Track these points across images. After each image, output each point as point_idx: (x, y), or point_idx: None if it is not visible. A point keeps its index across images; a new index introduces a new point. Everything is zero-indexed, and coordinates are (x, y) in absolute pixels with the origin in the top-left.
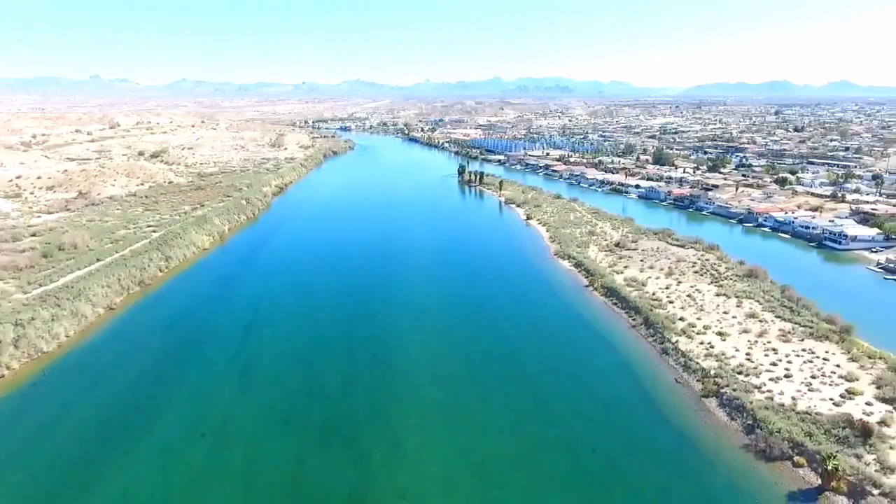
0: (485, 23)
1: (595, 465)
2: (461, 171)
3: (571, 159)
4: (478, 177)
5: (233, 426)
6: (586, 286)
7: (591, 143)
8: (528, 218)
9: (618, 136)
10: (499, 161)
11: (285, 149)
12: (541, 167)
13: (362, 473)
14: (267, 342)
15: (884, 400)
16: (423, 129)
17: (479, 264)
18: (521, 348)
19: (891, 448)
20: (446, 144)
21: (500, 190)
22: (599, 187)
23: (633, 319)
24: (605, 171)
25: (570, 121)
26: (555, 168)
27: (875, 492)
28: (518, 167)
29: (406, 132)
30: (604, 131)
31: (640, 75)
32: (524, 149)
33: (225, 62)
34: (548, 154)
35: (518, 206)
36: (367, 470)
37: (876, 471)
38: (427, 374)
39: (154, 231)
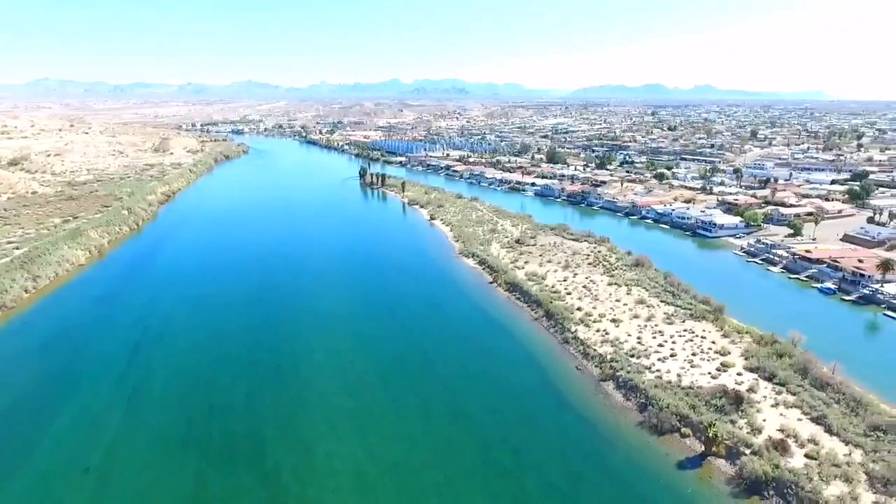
0: (381, 24)
1: (506, 457)
2: (363, 174)
3: (471, 159)
4: (380, 179)
5: (122, 456)
6: (490, 282)
7: (489, 144)
8: (431, 218)
9: (513, 137)
10: (400, 163)
11: (171, 154)
12: (442, 168)
13: (271, 490)
14: (159, 361)
15: (751, 370)
16: (321, 132)
17: (385, 266)
18: (431, 347)
19: (758, 411)
20: (346, 147)
21: (403, 191)
22: (498, 186)
23: (535, 312)
24: (504, 171)
25: (467, 122)
26: (455, 168)
27: (747, 451)
28: (419, 168)
29: (304, 135)
30: (500, 132)
31: (532, 78)
32: (425, 150)
33: (96, 60)
34: (448, 155)
35: (421, 206)
36: (276, 485)
37: (747, 433)
38: (336, 380)
39: (17, 248)
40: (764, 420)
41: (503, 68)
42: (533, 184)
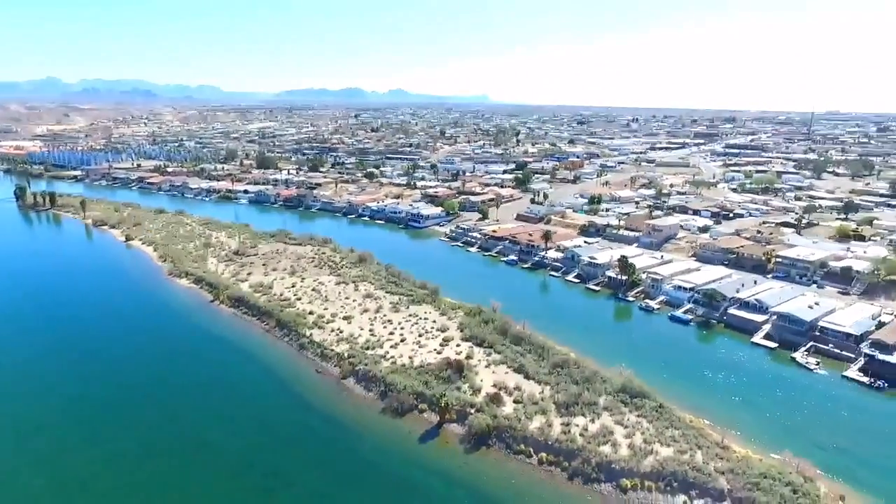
0: (25, 6)
1: (261, 480)
2: (21, 194)
3: (169, 169)
4: (47, 198)
5: None
6: (212, 301)
7: (189, 151)
8: (128, 239)
9: (217, 143)
10: (75, 178)
11: None
12: (133, 180)
13: None
14: None
15: (467, 339)
16: None
17: (75, 304)
18: (154, 384)
19: (476, 374)
20: None
21: (85, 211)
22: (207, 196)
23: (266, 324)
24: (210, 179)
25: (159, 127)
26: (151, 180)
27: (472, 411)
28: (104, 183)
29: None
30: (200, 138)
31: (229, 79)
32: (108, 161)
33: None
34: (139, 165)
35: (113, 227)
36: None
37: (470, 395)
38: (24, 453)
39: None
40: (481, 380)
41: (196, 69)
42: (245, 191)
